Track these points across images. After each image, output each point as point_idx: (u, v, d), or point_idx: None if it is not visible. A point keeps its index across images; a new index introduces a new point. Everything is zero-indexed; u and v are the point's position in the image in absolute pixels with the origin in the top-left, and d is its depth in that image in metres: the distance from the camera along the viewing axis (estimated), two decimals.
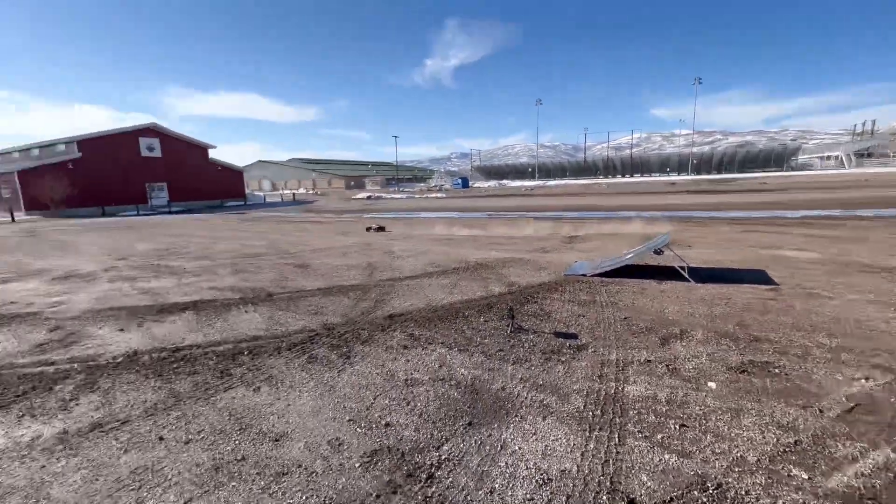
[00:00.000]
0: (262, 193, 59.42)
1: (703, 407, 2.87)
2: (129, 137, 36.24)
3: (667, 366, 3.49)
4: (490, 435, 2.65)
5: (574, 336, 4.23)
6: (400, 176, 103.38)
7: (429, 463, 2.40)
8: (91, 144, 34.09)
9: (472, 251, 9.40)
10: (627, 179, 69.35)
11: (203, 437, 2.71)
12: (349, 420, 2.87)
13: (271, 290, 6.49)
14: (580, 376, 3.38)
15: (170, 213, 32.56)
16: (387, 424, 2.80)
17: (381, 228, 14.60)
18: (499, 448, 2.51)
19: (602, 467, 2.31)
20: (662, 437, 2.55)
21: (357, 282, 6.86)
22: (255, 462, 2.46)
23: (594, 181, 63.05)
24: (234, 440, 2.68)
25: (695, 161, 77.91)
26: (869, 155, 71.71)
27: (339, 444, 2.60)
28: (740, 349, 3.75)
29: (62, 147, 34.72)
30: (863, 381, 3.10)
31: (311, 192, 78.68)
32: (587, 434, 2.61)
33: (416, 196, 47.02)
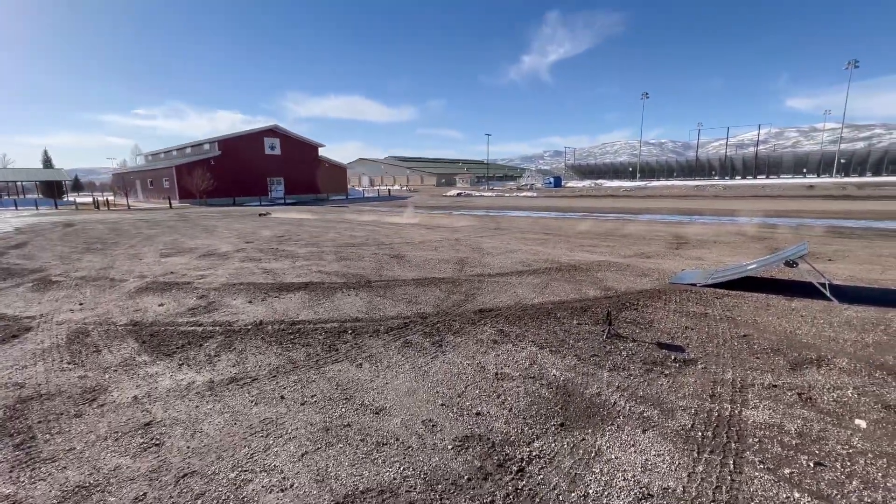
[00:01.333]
0: (361, 189, 64.12)
1: (847, 447, 2.44)
2: (255, 137, 41.68)
3: (798, 394, 3.03)
4: (584, 439, 2.56)
5: (680, 349, 3.87)
6: (490, 174, 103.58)
7: (519, 456, 2.41)
8: (227, 144, 39.92)
9: (563, 252, 9.08)
10: (750, 181, 60.69)
11: (315, 401, 3.05)
12: (442, 404, 2.99)
13: (370, 278, 7.00)
14: (688, 392, 3.09)
15: (285, 203, 36.76)
16: (477, 413, 2.87)
17: (465, 225, 14.82)
18: (593, 454, 2.42)
19: (713, 492, 2.09)
20: (791, 473, 2.23)
21: (448, 275, 7.07)
22: (359, 430, 2.70)
23: (708, 182, 56.34)
24: (341, 408, 2.97)
25: (843, 160, 65.36)
26: None
27: (433, 426, 2.73)
28: None
29: (207, 146, 41.20)
30: None
31: (404, 188, 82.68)
32: (695, 455, 2.39)
33: (506, 195, 46.68)
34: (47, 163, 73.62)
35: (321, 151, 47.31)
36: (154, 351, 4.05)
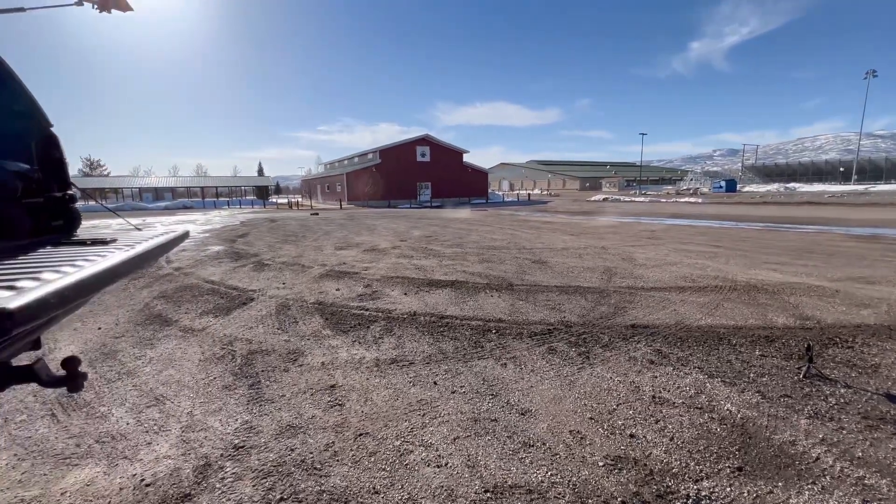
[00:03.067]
0: (500, 193, 65.27)
1: None
2: (409, 146, 46.14)
3: None
4: (771, 492, 2.15)
5: None
6: (644, 177, 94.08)
7: (684, 492, 2.15)
8: (386, 153, 45.17)
9: (740, 269, 7.69)
10: None
11: (464, 392, 3.25)
12: (590, 418, 2.87)
13: (512, 281, 7.09)
14: None
15: (431, 206, 39.79)
16: (631, 436, 2.66)
17: (612, 231, 13.73)
18: None
19: None
20: None
21: (594, 285, 6.69)
22: (505, 426, 2.78)
23: None
24: (488, 402, 3.10)
25: None
26: None
27: (582, 438, 2.64)
28: None
29: (370, 155, 47.35)
30: None
31: (545, 192, 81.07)
32: None
33: (662, 200, 41.72)
34: (260, 172, 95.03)
35: (465, 157, 49.76)
36: (334, 327, 4.86)
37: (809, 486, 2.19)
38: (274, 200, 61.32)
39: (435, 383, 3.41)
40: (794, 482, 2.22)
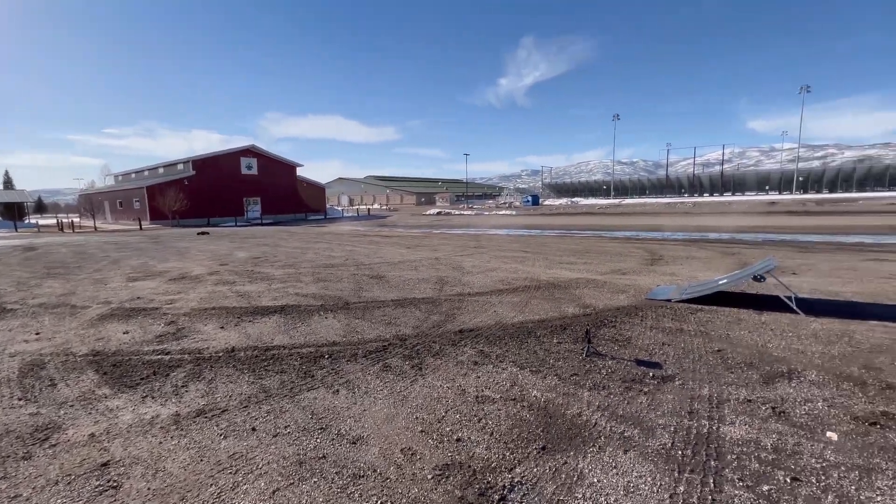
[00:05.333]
0: (340, 208, 63.70)
1: (820, 460, 2.48)
2: (232, 157, 41.11)
3: (772, 408, 3.08)
4: (566, 463, 2.52)
5: (658, 365, 3.91)
6: (470, 192, 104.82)
7: (501, 484, 2.34)
8: (202, 164, 39.21)
9: (542, 270, 9.17)
10: (717, 198, 63.32)
11: (289, 433, 2.92)
12: (421, 431, 2.91)
13: (349, 299, 6.87)
14: (666, 410, 3.10)
15: (261, 224, 36.11)
16: (458, 439, 2.79)
17: (445, 243, 14.88)
18: (575, 478, 2.38)
19: None
20: (770, 490, 2.24)
21: (428, 295, 7.01)
22: (335, 461, 2.58)
23: (678, 200, 58.48)
24: (316, 438, 2.84)
25: (800, 178, 69.17)
26: None
27: (412, 454, 2.64)
28: (869, 397, 3.20)
29: (181, 166, 40.34)
30: None
31: (384, 207, 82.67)
32: (676, 475, 2.38)
33: (485, 213, 47.20)
34: (7, 183, 70.56)
35: (299, 171, 47.01)
36: (116, 383, 3.82)
37: (591, 449, 2.66)
38: (33, 221, 46.26)
39: (253, 429, 2.97)
40: (581, 448, 2.67)
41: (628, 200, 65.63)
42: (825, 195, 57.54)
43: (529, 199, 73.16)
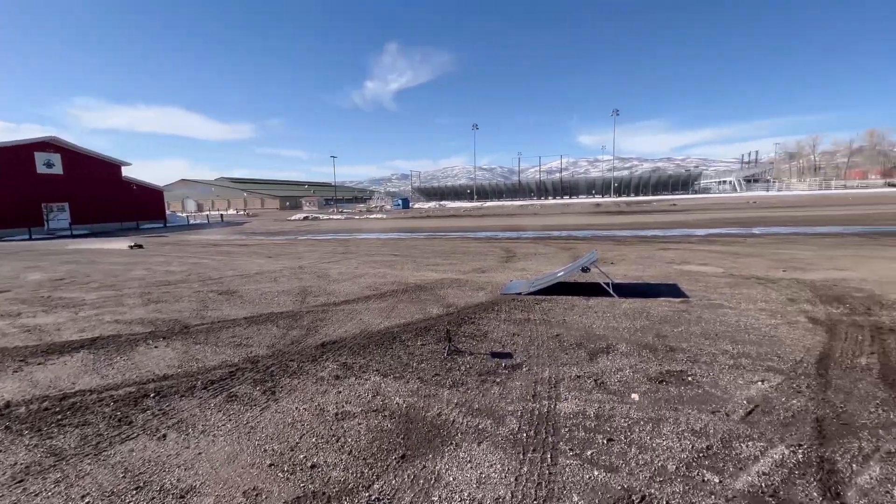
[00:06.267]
0: (185, 214, 54.80)
1: (627, 419, 3.00)
2: (22, 151, 31.93)
3: (595, 380, 3.63)
4: (424, 467, 2.54)
5: (509, 355, 4.28)
6: (339, 196, 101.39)
7: None
8: None
9: (410, 272, 9.32)
10: (558, 201, 73.77)
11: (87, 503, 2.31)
12: (270, 465, 2.61)
13: (188, 322, 5.90)
14: (515, 397, 3.40)
15: (72, 236, 28.84)
16: (313, 466, 2.59)
17: (311, 251, 14.12)
18: (433, 481, 2.41)
19: (535, 491, 2.29)
20: (592, 454, 2.61)
21: (288, 308, 6.47)
22: None
23: (529, 202, 66.29)
24: (128, 502, 2.31)
25: (616, 184, 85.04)
26: (755, 180, 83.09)
27: (257, 495, 2.34)
28: (659, 360, 4.02)
29: None
30: (759, 383, 3.44)
31: (241, 212, 74.33)
32: (521, 457, 2.60)
33: (356, 217, 46.19)
34: None
35: (126, 171, 39.03)
36: None
37: (448, 447, 2.74)
38: None
39: None
40: (440, 449, 2.73)
41: (489, 203, 71.84)
42: (632, 198, 72.01)
43: (400, 202, 74.22)
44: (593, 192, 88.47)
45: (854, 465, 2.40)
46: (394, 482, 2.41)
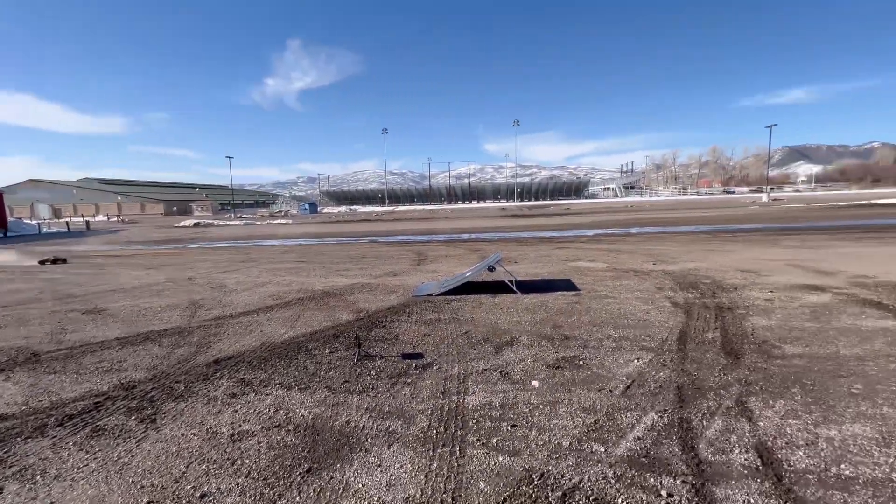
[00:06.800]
0: (36, 222, 45.24)
1: (528, 405, 3.22)
2: None
3: (500, 372, 3.84)
4: (332, 478, 2.44)
5: (420, 356, 4.32)
6: (238, 200, 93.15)
7: None
8: None
9: (318, 279, 8.90)
10: (467, 205, 76.63)
11: None
12: (148, 502, 2.28)
13: (38, 349, 4.91)
14: (425, 395, 3.43)
15: None
16: (202, 496, 2.32)
17: (203, 260, 12.78)
18: (340, 491, 2.33)
19: (444, 484, 2.34)
20: (497, 441, 2.75)
21: (174, 325, 5.74)
22: None
23: (439, 207, 67.78)
24: None
25: (518, 190, 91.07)
26: (632, 187, 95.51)
27: None
28: (555, 348, 4.39)
29: None
30: (635, 361, 3.94)
31: (115, 219, 64.18)
32: (431, 453, 2.64)
33: (258, 223, 42.79)
34: None
35: None
36: None
37: (357, 453, 2.67)
38: None
39: None
40: (348, 457, 2.64)
41: (401, 207, 71.86)
42: (534, 202, 77.79)
43: (307, 206, 70.54)
44: (499, 196, 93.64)
45: (704, 422, 2.87)
46: (297, 498, 2.27)
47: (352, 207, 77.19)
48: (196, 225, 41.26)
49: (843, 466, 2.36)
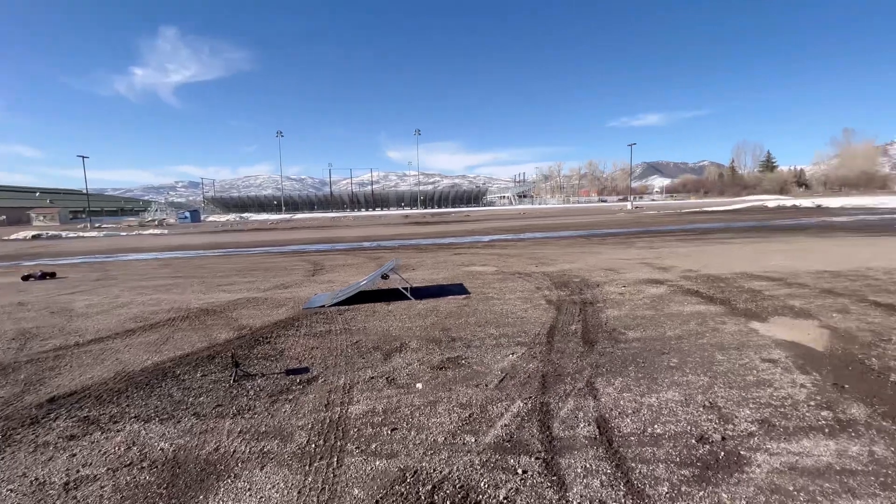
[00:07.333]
0: None
1: (411, 407, 3.35)
2: None
3: (387, 378, 3.91)
4: None
5: (306, 370, 4.19)
6: (97, 207, 79.10)
7: None
8: None
9: (196, 296, 8.03)
10: (371, 213, 75.59)
11: None
12: None
13: None
14: (307, 410, 3.35)
15: None
16: None
17: (50, 275, 10.68)
18: None
19: (318, 497, 2.33)
20: (376, 446, 2.81)
21: None
22: None
23: (342, 214, 65.70)
24: None
25: (422, 197, 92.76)
26: (524, 196, 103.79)
27: None
28: (442, 349, 4.61)
29: None
30: (510, 356, 4.34)
31: None
32: (307, 468, 2.60)
33: (123, 234, 36.85)
34: None
35: None
36: None
37: (224, 482, 2.51)
38: None
39: None
40: (214, 486, 2.47)
41: (299, 215, 67.94)
42: (436, 210, 79.87)
43: (188, 215, 62.80)
44: (403, 204, 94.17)
45: (560, 403, 3.30)
46: None
47: (242, 215, 70.67)
48: (36, 237, 34.01)
49: (655, 426, 2.92)
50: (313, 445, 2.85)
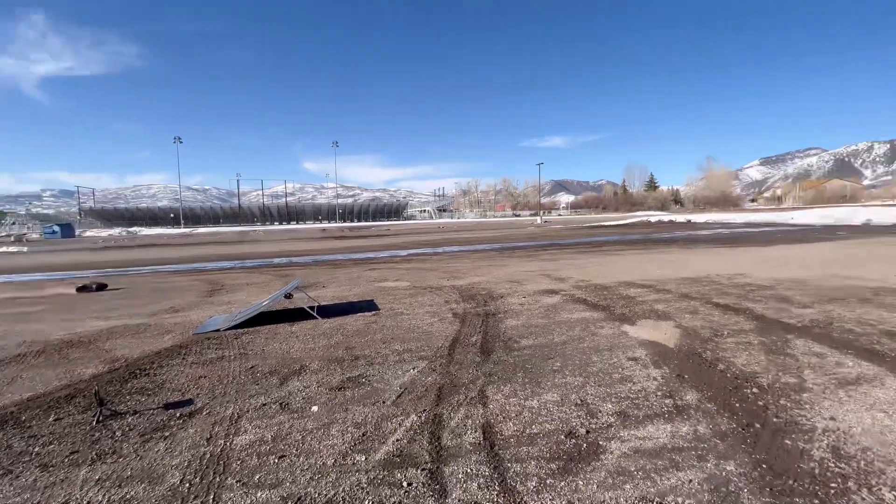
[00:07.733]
0: None
1: (303, 432, 3.27)
2: None
3: (280, 404, 3.76)
4: None
5: (189, 402, 3.86)
6: None
7: None
8: None
9: (56, 325, 6.93)
10: (284, 227, 71.46)
11: None
12: None
13: None
14: (185, 447, 3.09)
15: None
16: None
17: None
18: None
19: None
20: (259, 476, 2.70)
21: None
22: None
23: (251, 228, 61.13)
24: None
25: (341, 210, 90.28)
26: (444, 210, 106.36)
27: None
28: (343, 369, 4.56)
29: None
30: (411, 370, 4.45)
31: None
32: None
33: None
34: None
35: None
36: None
37: None
38: None
39: None
40: None
41: (202, 230, 61.73)
42: (356, 223, 78.24)
43: (56, 229, 53.59)
44: (320, 217, 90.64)
45: (452, 414, 3.47)
46: None
47: (130, 230, 62.13)
48: None
49: (533, 427, 3.21)
50: (187, 485, 2.65)
